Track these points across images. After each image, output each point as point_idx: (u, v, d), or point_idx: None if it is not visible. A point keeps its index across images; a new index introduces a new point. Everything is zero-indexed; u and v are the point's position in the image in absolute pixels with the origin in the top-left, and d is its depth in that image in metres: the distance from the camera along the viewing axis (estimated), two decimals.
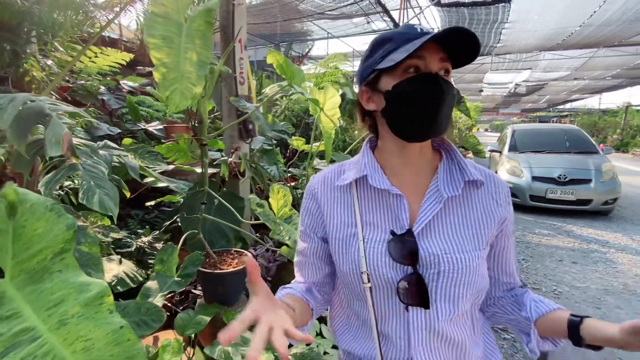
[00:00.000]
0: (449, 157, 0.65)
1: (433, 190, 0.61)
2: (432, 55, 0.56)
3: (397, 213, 0.61)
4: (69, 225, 0.55)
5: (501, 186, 0.65)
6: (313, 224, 0.68)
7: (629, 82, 16.09)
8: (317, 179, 0.69)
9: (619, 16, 6.88)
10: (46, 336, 0.48)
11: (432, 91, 0.56)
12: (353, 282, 0.62)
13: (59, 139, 0.74)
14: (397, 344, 0.60)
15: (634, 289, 2.91)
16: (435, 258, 0.58)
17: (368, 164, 0.63)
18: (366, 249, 0.60)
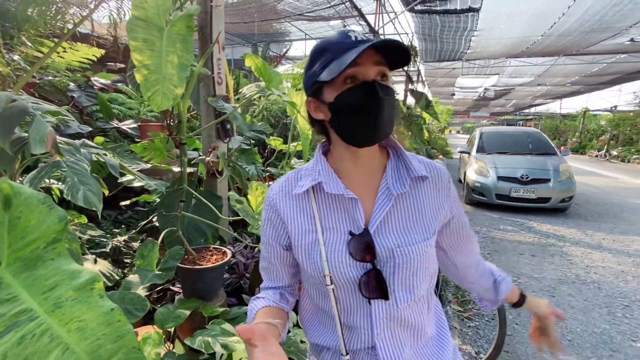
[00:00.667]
0: (395, 156, 0.69)
1: (383, 189, 0.65)
2: (368, 62, 0.59)
3: (353, 215, 0.64)
4: (60, 217, 0.60)
5: (443, 175, 0.69)
6: (275, 234, 0.69)
7: (587, 89, 17.30)
8: (275, 189, 0.70)
9: (577, 27, 7.43)
10: (43, 317, 0.53)
11: (371, 100, 0.59)
12: (318, 284, 0.66)
13: (43, 137, 0.77)
14: (361, 333, 0.65)
15: (584, 279, 3.20)
16: (390, 252, 0.62)
17: (322, 171, 0.66)
18: (328, 252, 0.63)
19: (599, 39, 8.13)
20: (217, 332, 1.21)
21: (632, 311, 2.66)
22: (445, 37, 8.34)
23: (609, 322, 2.51)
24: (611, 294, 2.92)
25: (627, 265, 3.54)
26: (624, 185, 8.44)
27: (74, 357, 0.52)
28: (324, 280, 0.63)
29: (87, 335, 0.55)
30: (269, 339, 0.53)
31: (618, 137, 15.92)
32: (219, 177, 2.14)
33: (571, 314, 2.61)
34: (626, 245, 4.10)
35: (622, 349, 2.20)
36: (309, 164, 0.71)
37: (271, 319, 0.63)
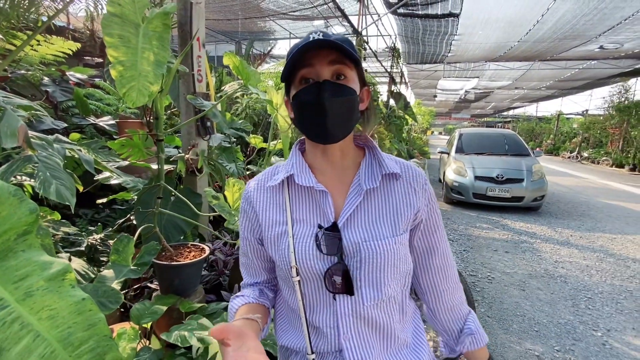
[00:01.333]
0: (370, 154, 0.70)
1: (355, 184, 0.66)
2: (323, 62, 0.60)
3: (323, 208, 0.64)
4: (31, 210, 0.61)
5: (419, 176, 0.69)
6: (250, 227, 0.70)
7: (561, 93, 18.09)
8: (252, 184, 0.71)
9: (550, 35, 7.77)
10: (14, 306, 0.54)
11: (316, 101, 0.60)
12: (285, 276, 0.66)
13: (14, 131, 0.77)
14: (327, 334, 0.63)
15: (552, 273, 3.37)
16: (357, 246, 0.61)
17: (295, 164, 0.68)
18: (295, 244, 0.63)
19: (571, 46, 8.53)
20: (193, 326, 1.22)
21: (594, 303, 2.83)
22: (427, 40, 8.54)
23: (573, 314, 2.66)
24: (576, 287, 3.09)
25: (592, 260, 3.75)
26: (593, 185, 8.89)
27: (44, 344, 0.54)
28: (290, 272, 0.63)
29: (58, 324, 0.56)
30: (245, 334, 0.49)
31: (589, 139, 16.71)
32: (198, 174, 2.14)
33: (539, 306, 2.75)
34: (592, 242, 4.34)
35: (584, 338, 2.34)
36: (287, 160, 0.72)
37: (250, 314, 0.63)
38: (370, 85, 0.72)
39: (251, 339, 0.49)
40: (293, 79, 0.63)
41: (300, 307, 0.64)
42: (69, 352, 0.55)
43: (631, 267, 3.60)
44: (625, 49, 8.61)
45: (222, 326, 0.47)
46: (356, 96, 0.63)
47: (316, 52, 0.59)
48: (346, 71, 0.62)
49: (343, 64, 0.61)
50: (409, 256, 0.68)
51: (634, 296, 2.97)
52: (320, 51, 0.59)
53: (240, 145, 3.43)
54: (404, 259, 0.66)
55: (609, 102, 14.28)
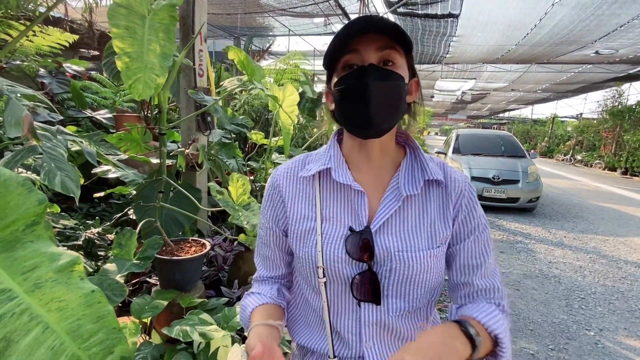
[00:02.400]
0: (412, 155, 0.64)
1: (393, 188, 0.61)
2: (369, 48, 0.55)
3: (357, 209, 0.60)
4: (39, 200, 0.60)
5: (458, 181, 0.62)
6: (275, 216, 0.66)
7: (556, 96, 18.28)
8: (280, 171, 0.67)
9: (547, 39, 7.84)
10: (22, 297, 0.53)
11: (358, 85, 0.54)
12: (309, 276, 0.62)
13: (18, 121, 0.76)
14: (350, 340, 0.60)
15: (546, 274, 3.41)
16: (388, 255, 0.57)
17: (334, 157, 0.63)
18: (324, 244, 0.59)
19: (568, 51, 8.62)
20: (195, 321, 1.22)
21: (587, 303, 2.88)
22: (426, 41, 8.56)
23: (567, 313, 2.70)
24: (570, 287, 3.14)
25: (584, 261, 3.80)
26: (586, 187, 9.01)
27: (54, 336, 0.53)
28: (316, 273, 0.60)
29: (68, 316, 0.56)
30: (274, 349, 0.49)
31: (582, 142, 16.92)
32: (198, 169, 2.13)
33: (533, 306, 2.79)
34: (585, 243, 4.40)
35: (577, 337, 2.38)
36: (320, 150, 0.67)
37: (271, 319, 0.60)
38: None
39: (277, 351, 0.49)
40: (335, 66, 0.59)
41: (325, 310, 0.61)
42: (78, 344, 0.55)
43: (623, 268, 3.66)
44: (620, 54, 8.72)
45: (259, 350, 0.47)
46: (404, 84, 0.57)
47: (361, 37, 0.54)
48: (395, 57, 0.56)
49: (392, 49, 0.55)
50: (442, 269, 0.62)
51: (626, 297, 3.02)
52: (367, 36, 0.54)
53: (238, 142, 3.41)
54: (437, 273, 0.60)
55: (602, 106, 14.46)
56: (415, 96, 0.64)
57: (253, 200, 1.35)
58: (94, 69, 4.52)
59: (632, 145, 12.15)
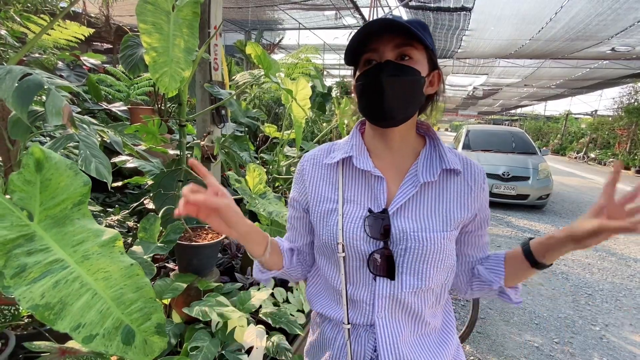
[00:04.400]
0: (432, 144, 0.68)
1: (412, 175, 0.65)
2: (388, 46, 0.59)
3: (376, 193, 0.65)
4: (85, 182, 0.67)
5: (478, 175, 0.67)
6: (298, 197, 0.74)
7: (570, 92, 17.88)
8: (307, 157, 0.74)
9: (562, 34, 7.67)
10: (73, 267, 0.60)
11: (375, 80, 0.60)
12: (329, 251, 0.68)
13: (59, 110, 0.83)
14: (363, 309, 0.66)
15: (554, 270, 3.42)
16: (404, 235, 0.62)
17: (355, 145, 0.68)
18: (344, 223, 0.65)
19: (583, 47, 8.42)
20: (212, 303, 1.29)
21: (594, 299, 2.89)
22: (438, 35, 8.46)
23: (573, 309, 2.71)
24: (577, 284, 3.15)
25: (593, 258, 3.79)
26: (598, 186, 8.86)
27: (101, 301, 0.60)
28: (336, 248, 0.65)
29: (112, 285, 0.62)
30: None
31: (596, 140, 16.57)
32: (213, 161, 2.20)
33: (540, 301, 2.81)
34: None
35: (582, 332, 2.40)
36: (343, 140, 0.73)
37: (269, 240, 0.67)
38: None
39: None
40: (358, 63, 0.64)
41: (343, 282, 0.67)
42: (122, 309, 0.62)
43: (632, 266, 3.64)
44: (637, 51, 8.49)
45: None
46: (419, 77, 0.61)
47: (380, 36, 0.59)
48: (412, 52, 0.60)
49: (409, 46, 0.59)
50: (454, 251, 0.67)
51: (633, 294, 3.02)
52: (385, 35, 0.58)
53: (248, 135, 3.48)
54: (450, 254, 0.65)
55: (618, 103, 14.12)
56: (436, 88, 0.67)
57: (269, 189, 1.41)
58: (109, 62, 4.62)
59: None
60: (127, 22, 6.58)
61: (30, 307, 0.53)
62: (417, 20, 0.61)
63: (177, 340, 1.25)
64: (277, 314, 1.36)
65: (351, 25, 7.02)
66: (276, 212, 1.29)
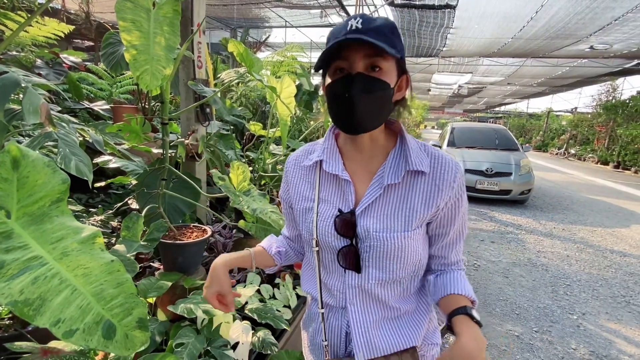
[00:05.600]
0: (401, 145, 0.70)
1: (379, 177, 0.68)
2: (355, 55, 0.60)
3: (346, 194, 0.70)
4: (63, 180, 0.67)
5: (448, 172, 0.66)
6: (284, 195, 0.82)
7: (551, 90, 18.38)
8: (290, 158, 0.81)
9: (543, 32, 7.89)
10: (52, 263, 0.60)
11: (345, 93, 0.61)
12: (308, 244, 0.76)
13: (36, 108, 0.82)
14: (336, 295, 0.74)
15: (535, 262, 3.54)
16: (368, 234, 0.67)
17: (327, 149, 0.72)
18: (318, 221, 0.71)
19: (563, 45, 8.68)
20: (198, 300, 1.30)
21: (572, 289, 3.00)
22: (423, 33, 8.57)
23: (552, 299, 2.82)
24: (556, 275, 3.26)
25: (572, 250, 3.93)
26: (578, 181, 9.17)
27: (81, 297, 0.60)
28: (312, 242, 0.73)
29: (92, 281, 0.63)
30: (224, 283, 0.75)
31: (576, 136, 17.10)
32: (198, 159, 2.19)
33: (520, 292, 2.91)
34: (573, 234, 4.54)
35: (561, 321, 2.50)
36: (321, 140, 0.77)
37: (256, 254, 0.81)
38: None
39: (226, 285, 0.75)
40: (328, 67, 0.65)
41: (317, 271, 0.75)
42: (102, 305, 0.62)
43: (608, 257, 3.80)
44: (614, 49, 8.80)
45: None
46: (389, 90, 0.62)
47: (349, 45, 0.59)
48: (382, 63, 0.61)
49: (379, 57, 0.60)
50: (420, 248, 0.69)
51: (609, 284, 3.16)
52: (355, 44, 0.59)
53: (235, 134, 3.46)
54: (413, 252, 0.68)
55: (597, 101, 14.59)
56: (404, 92, 0.69)
57: (253, 187, 1.42)
58: (90, 59, 4.51)
59: (625, 140, 12.32)
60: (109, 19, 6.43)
61: (9, 303, 0.53)
62: (387, 23, 0.60)
63: (163, 337, 1.25)
64: (263, 310, 1.38)
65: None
66: (260, 209, 1.30)
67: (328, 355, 0.76)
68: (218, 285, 0.74)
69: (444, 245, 0.73)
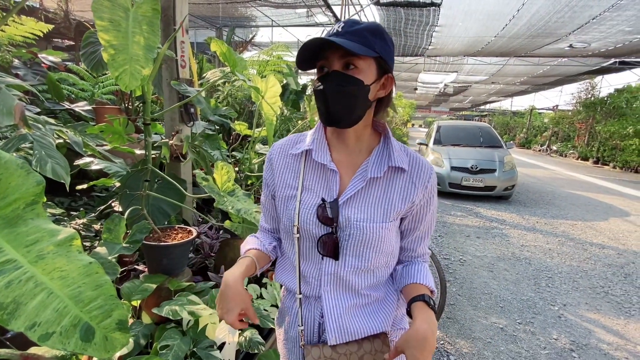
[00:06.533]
0: (384, 143, 0.75)
1: (362, 170, 0.73)
2: (334, 54, 0.66)
3: (330, 184, 0.73)
4: (38, 182, 0.66)
5: (424, 172, 0.73)
6: (267, 182, 0.82)
7: (534, 89, 18.84)
8: (276, 146, 0.81)
9: (525, 31, 8.08)
10: (27, 267, 0.59)
11: (323, 89, 0.67)
12: (288, 232, 0.77)
13: (10, 109, 0.80)
14: (311, 283, 0.76)
15: (518, 256, 3.63)
16: (349, 223, 0.71)
17: (317, 140, 0.76)
18: (300, 209, 0.73)
19: (544, 43, 8.91)
20: (184, 302, 1.29)
21: (553, 282, 3.10)
22: (409, 31, 8.66)
23: (535, 291, 2.90)
24: (539, 268, 3.36)
25: (554, 244, 4.05)
26: (559, 176, 9.44)
27: (57, 300, 0.59)
28: (292, 230, 0.74)
29: (69, 283, 0.62)
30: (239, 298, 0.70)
31: (558, 133, 17.59)
32: (182, 160, 2.16)
33: (505, 285, 2.98)
34: (555, 228, 4.67)
35: (543, 312, 2.58)
36: (309, 132, 0.80)
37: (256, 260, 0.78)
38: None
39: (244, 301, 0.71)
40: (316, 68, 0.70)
41: (296, 259, 0.77)
42: (80, 307, 0.61)
43: (588, 250, 3.93)
44: (592, 48, 9.09)
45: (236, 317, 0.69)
46: (362, 86, 0.66)
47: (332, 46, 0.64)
48: (357, 62, 0.65)
49: (354, 56, 0.65)
50: (393, 239, 0.75)
51: (589, 275, 3.27)
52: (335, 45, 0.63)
53: (222, 134, 3.43)
54: (389, 242, 0.73)
55: (576, 98, 15.04)
56: (388, 90, 0.72)
57: (237, 187, 1.42)
58: (70, 59, 4.40)
59: (603, 136, 12.74)
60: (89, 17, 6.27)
61: None
62: (369, 26, 0.65)
63: (148, 340, 1.24)
64: None
65: (323, 23, 7.06)
66: (245, 210, 1.30)
67: (303, 340, 0.78)
68: (241, 302, 0.69)
69: (413, 239, 0.79)
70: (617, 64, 10.85)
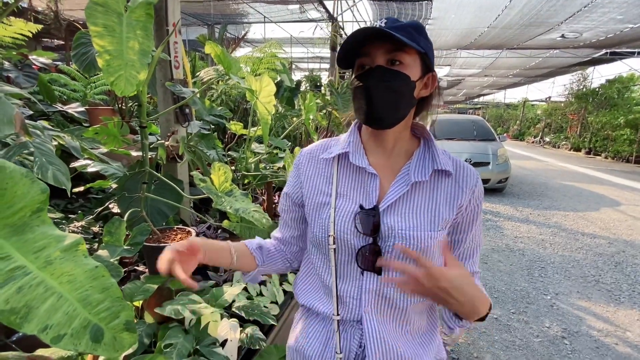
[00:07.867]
0: (425, 146, 0.70)
1: (404, 174, 0.67)
2: (377, 50, 0.62)
3: (369, 190, 0.67)
4: (42, 189, 0.68)
5: (470, 177, 0.68)
6: (291, 191, 0.76)
7: (527, 81, 18.97)
8: (304, 152, 0.77)
9: (517, 20, 8.12)
10: (36, 272, 0.61)
11: (365, 85, 0.62)
12: (321, 244, 0.69)
13: (10, 118, 0.82)
14: (350, 303, 0.67)
15: (512, 247, 3.70)
16: (392, 232, 0.63)
17: (352, 142, 0.71)
18: (336, 216, 0.67)
19: (536, 34, 8.96)
20: (185, 301, 1.32)
21: (546, 272, 3.17)
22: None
23: (528, 281, 2.97)
24: (532, 259, 3.43)
25: (547, 235, 4.13)
26: (552, 168, 9.56)
27: (67, 303, 0.62)
28: (327, 240, 0.67)
29: (77, 287, 0.64)
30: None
31: (551, 125, 17.76)
32: (179, 161, 2.18)
33: (499, 276, 3.05)
34: (548, 219, 4.76)
35: (536, 302, 2.65)
36: (341, 137, 0.75)
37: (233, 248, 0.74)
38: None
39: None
40: (354, 66, 0.67)
41: (333, 274, 0.68)
42: (89, 310, 0.64)
43: (580, 240, 4.02)
44: (583, 38, 9.16)
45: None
46: (409, 82, 0.62)
47: (372, 42, 0.61)
48: (403, 57, 0.62)
49: (401, 51, 0.61)
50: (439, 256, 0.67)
51: (580, 265, 3.35)
52: (377, 40, 0.61)
53: (217, 133, 3.44)
54: (436, 255, 0.66)
55: (569, 90, 15.17)
56: (431, 90, 0.69)
57: (235, 187, 1.44)
58: (61, 60, 4.35)
59: (595, 126, 12.90)
60: (79, 16, 6.19)
61: None
62: (413, 23, 0.63)
63: (151, 340, 1.26)
64: (250, 307, 1.41)
65: (316, 19, 7.04)
66: (243, 209, 1.32)
67: None
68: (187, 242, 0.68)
69: (461, 254, 0.72)
70: (608, 54, 10.96)
